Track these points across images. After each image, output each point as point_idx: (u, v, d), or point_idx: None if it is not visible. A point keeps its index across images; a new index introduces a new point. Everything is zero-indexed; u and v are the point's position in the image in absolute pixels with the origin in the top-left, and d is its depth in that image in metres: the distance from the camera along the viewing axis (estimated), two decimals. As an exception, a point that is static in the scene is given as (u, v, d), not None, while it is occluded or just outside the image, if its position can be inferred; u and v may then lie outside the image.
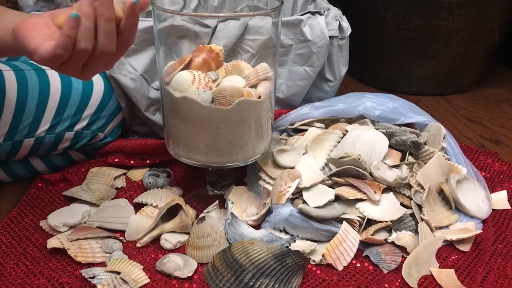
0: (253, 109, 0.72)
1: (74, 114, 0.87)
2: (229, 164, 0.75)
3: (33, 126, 0.83)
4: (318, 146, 0.85)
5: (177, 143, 0.76)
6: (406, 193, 0.79)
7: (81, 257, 0.69)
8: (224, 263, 0.66)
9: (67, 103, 0.86)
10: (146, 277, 0.66)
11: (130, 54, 0.90)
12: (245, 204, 0.80)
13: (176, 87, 0.71)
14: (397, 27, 1.36)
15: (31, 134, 0.83)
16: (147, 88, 0.93)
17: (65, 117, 0.86)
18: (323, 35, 0.95)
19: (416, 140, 0.83)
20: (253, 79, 0.75)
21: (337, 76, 1.03)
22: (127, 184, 0.89)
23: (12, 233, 0.75)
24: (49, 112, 0.84)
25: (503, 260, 0.70)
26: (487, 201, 0.82)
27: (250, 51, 0.91)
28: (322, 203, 0.74)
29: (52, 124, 0.85)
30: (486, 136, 1.17)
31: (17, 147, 0.83)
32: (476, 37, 1.36)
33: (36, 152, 0.87)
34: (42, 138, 0.84)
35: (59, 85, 0.85)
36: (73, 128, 0.87)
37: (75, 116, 0.87)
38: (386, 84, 1.49)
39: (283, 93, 1.01)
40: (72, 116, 0.87)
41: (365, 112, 0.89)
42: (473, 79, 1.50)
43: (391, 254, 0.71)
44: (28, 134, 0.83)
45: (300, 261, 0.65)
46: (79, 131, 0.88)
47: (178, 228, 0.74)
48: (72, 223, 0.75)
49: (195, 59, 0.76)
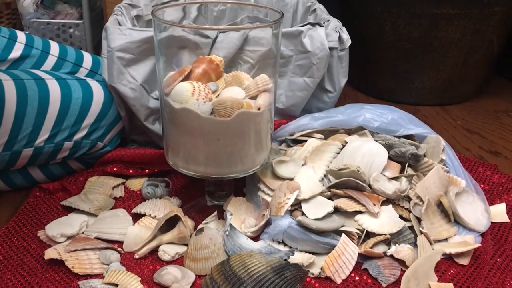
0: (253, 121, 0.72)
1: (73, 123, 0.87)
2: (228, 175, 0.75)
3: (32, 136, 0.83)
4: (317, 157, 0.85)
5: (176, 154, 0.76)
6: (405, 206, 0.79)
7: (78, 269, 0.68)
8: (223, 275, 0.65)
9: (66, 112, 0.86)
10: (143, 289, 0.66)
11: (130, 64, 0.90)
12: (244, 215, 0.80)
13: (176, 98, 0.71)
14: (397, 38, 1.37)
15: (30, 144, 0.83)
16: (146, 97, 0.93)
17: (65, 126, 0.86)
18: (323, 47, 0.95)
19: (415, 152, 0.83)
20: (253, 90, 0.75)
21: (336, 87, 1.03)
22: (125, 194, 0.89)
23: (10, 243, 0.75)
24: (49, 122, 0.84)
25: (502, 274, 0.70)
26: (486, 214, 0.82)
27: (250, 62, 0.91)
28: (321, 215, 0.74)
29: (51, 134, 0.84)
30: (485, 148, 1.17)
31: (15, 157, 0.83)
32: (475, 48, 1.36)
33: (35, 161, 0.87)
34: (41, 148, 0.84)
35: (58, 95, 0.85)
36: (72, 138, 0.87)
37: (75, 125, 0.87)
38: (385, 94, 1.49)
39: (283, 103, 1.01)
40: (72, 126, 0.87)
41: (365, 123, 0.89)
42: (472, 90, 1.50)
43: (390, 267, 0.71)
44: (27, 144, 0.83)
45: (298, 274, 0.65)
46: (78, 140, 0.88)
47: (176, 239, 0.74)
48: (70, 234, 0.75)
49: (195, 70, 0.76)
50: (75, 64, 1.02)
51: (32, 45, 0.97)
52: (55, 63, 0.99)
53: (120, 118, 0.95)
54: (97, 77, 1.05)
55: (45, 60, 0.98)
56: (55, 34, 1.44)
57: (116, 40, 0.89)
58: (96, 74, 1.04)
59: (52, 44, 1.01)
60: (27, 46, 0.96)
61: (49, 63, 0.99)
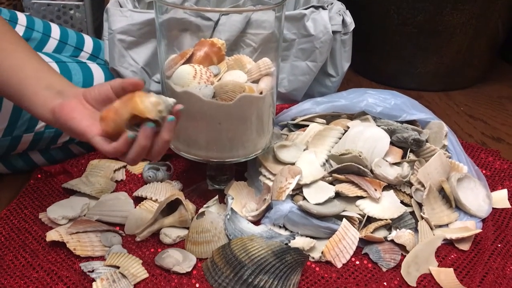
0: (255, 105, 0.72)
1: None
2: (230, 159, 0.75)
3: (32, 121, 0.82)
4: (319, 142, 0.85)
5: (177, 138, 0.75)
6: (407, 191, 0.79)
7: (80, 251, 0.69)
8: (224, 259, 0.65)
9: None
10: (145, 272, 0.66)
11: (131, 46, 0.90)
12: (245, 200, 0.80)
13: (177, 81, 0.71)
14: (401, 22, 1.35)
15: (30, 129, 0.83)
16: (148, 81, 0.92)
17: None
18: (326, 30, 0.94)
19: (417, 137, 0.82)
20: (255, 74, 0.75)
21: (339, 71, 1.02)
22: (126, 177, 0.89)
23: (11, 225, 0.75)
24: None
25: (502, 260, 0.70)
26: (488, 200, 0.82)
27: (252, 45, 0.90)
28: (322, 200, 0.74)
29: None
30: (487, 134, 1.17)
31: (16, 142, 0.83)
32: (479, 33, 1.35)
33: (36, 146, 0.86)
34: (41, 133, 0.84)
35: None
36: None
37: None
38: (388, 79, 1.48)
39: (285, 88, 1.00)
40: None
41: (367, 108, 0.89)
42: (476, 75, 1.49)
43: (390, 252, 0.71)
44: (27, 129, 0.82)
45: (299, 258, 0.65)
46: None
47: (177, 223, 0.74)
48: (71, 216, 0.75)
49: (196, 53, 0.75)
50: (76, 48, 1.01)
51: (33, 27, 0.96)
52: (56, 46, 0.98)
53: None
54: (98, 61, 1.04)
55: (46, 43, 0.97)
56: (56, 16, 1.42)
57: (117, 22, 0.88)
58: (97, 59, 1.03)
59: (53, 26, 1.00)
60: (28, 29, 0.95)
61: (50, 46, 0.98)
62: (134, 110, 0.56)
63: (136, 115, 0.56)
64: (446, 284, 0.66)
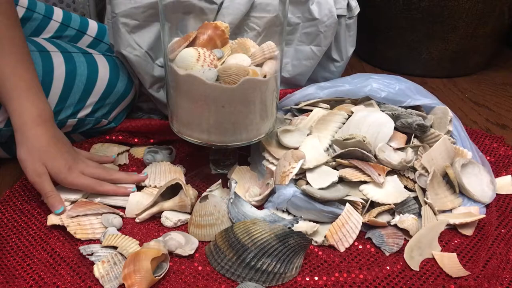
0: (259, 89, 0.71)
1: (77, 101, 0.85)
2: (233, 143, 0.74)
3: None
4: (323, 127, 0.84)
5: (181, 121, 0.75)
6: (411, 176, 0.79)
7: (80, 234, 0.69)
8: (226, 242, 0.65)
9: (70, 90, 0.84)
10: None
11: (135, 30, 0.89)
12: (248, 184, 0.80)
13: (180, 64, 0.70)
14: (406, 7, 1.34)
15: None
16: (151, 65, 0.92)
17: (68, 104, 0.84)
18: (331, 14, 0.93)
19: (422, 123, 0.82)
20: (259, 57, 0.74)
21: (344, 56, 1.01)
22: (129, 161, 0.89)
23: (14, 206, 0.75)
24: (52, 98, 0.82)
25: (506, 245, 0.70)
26: (492, 186, 0.81)
27: (256, 29, 0.89)
28: (325, 184, 0.73)
29: (54, 111, 0.81)
30: (492, 120, 1.16)
31: None
32: (485, 19, 1.33)
33: None
34: None
35: (63, 71, 0.83)
36: (76, 116, 0.86)
37: (79, 103, 0.85)
38: (392, 65, 1.47)
39: (289, 72, 1.00)
40: (76, 104, 0.85)
41: (371, 93, 0.88)
42: (481, 62, 1.48)
43: (393, 236, 0.71)
44: None
45: (302, 242, 0.65)
46: (82, 118, 0.87)
47: (177, 207, 0.74)
48: (73, 199, 0.75)
49: (200, 36, 0.74)
50: (79, 30, 1.00)
51: (34, 9, 0.95)
52: (57, 28, 0.97)
53: (125, 96, 0.92)
54: (102, 45, 1.03)
55: (47, 25, 0.97)
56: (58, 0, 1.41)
57: (120, 5, 0.87)
58: (101, 43, 1.02)
59: (56, 10, 0.99)
60: (29, 10, 0.94)
61: (51, 28, 0.97)
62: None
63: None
64: (449, 268, 0.66)
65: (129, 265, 0.60)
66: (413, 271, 0.66)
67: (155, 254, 0.61)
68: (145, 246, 0.64)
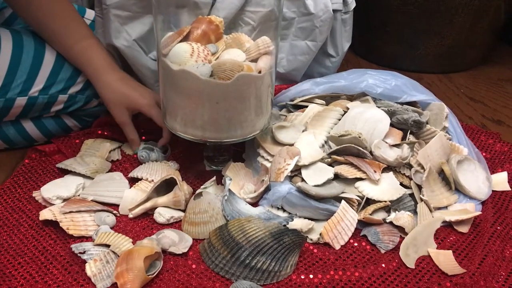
0: (253, 84, 0.70)
1: (69, 77, 0.86)
2: (227, 140, 0.74)
3: (26, 85, 0.82)
4: (318, 123, 0.83)
5: (174, 117, 0.74)
6: (406, 173, 0.78)
7: (73, 230, 0.68)
8: (221, 240, 0.65)
9: (62, 65, 0.85)
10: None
11: (127, 22, 0.87)
12: (242, 181, 0.79)
13: (174, 59, 0.69)
14: (402, 2, 1.33)
15: (24, 92, 0.82)
16: (145, 58, 0.90)
17: (60, 79, 0.85)
18: (327, 9, 0.92)
19: (418, 119, 0.81)
20: (253, 53, 0.73)
21: (339, 51, 1.00)
22: (122, 157, 0.88)
23: (5, 204, 0.74)
24: (44, 72, 0.83)
25: (501, 242, 0.70)
26: (487, 182, 0.81)
27: (251, 24, 0.88)
28: (321, 181, 0.73)
29: (46, 84, 0.84)
30: (487, 116, 1.16)
31: (9, 105, 0.82)
32: (482, 14, 1.33)
33: (29, 113, 0.86)
34: (35, 98, 0.83)
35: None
36: (67, 91, 0.87)
37: (70, 79, 0.86)
38: (388, 61, 1.46)
39: (284, 68, 0.99)
40: (67, 79, 0.86)
41: (367, 89, 0.87)
42: (477, 57, 1.47)
43: (389, 234, 0.70)
44: (21, 92, 0.82)
45: (297, 240, 0.64)
46: (73, 94, 0.87)
47: (171, 203, 0.73)
48: (66, 196, 0.74)
49: (194, 30, 0.73)
50: None
51: None
52: None
53: None
54: None
55: None
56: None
57: (112, -3, 0.86)
58: None
59: None
60: None
61: None
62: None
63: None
64: (444, 266, 0.65)
65: (122, 263, 0.59)
66: (408, 269, 0.65)
67: (148, 252, 0.61)
68: (138, 244, 0.63)
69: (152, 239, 0.65)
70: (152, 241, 0.64)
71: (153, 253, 0.61)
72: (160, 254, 0.63)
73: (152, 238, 0.65)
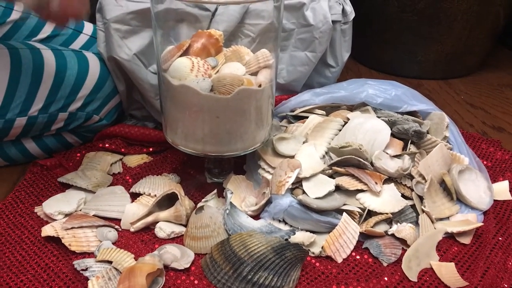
0: (254, 98, 0.70)
1: (68, 94, 0.85)
2: (228, 153, 0.74)
3: (25, 105, 0.81)
4: (318, 134, 0.83)
5: (175, 131, 0.74)
6: (408, 184, 0.78)
7: (75, 246, 0.68)
8: (223, 255, 0.65)
9: (61, 82, 0.84)
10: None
11: (127, 36, 0.87)
12: (244, 193, 0.79)
13: (174, 74, 0.69)
14: (401, 9, 1.33)
15: (24, 113, 0.82)
16: (145, 71, 0.90)
17: (59, 97, 0.84)
18: (326, 20, 0.92)
19: (418, 129, 0.81)
20: (253, 66, 0.73)
21: (339, 61, 1.00)
22: (123, 170, 0.88)
23: (7, 220, 0.74)
24: (43, 91, 0.83)
25: (503, 254, 0.70)
26: (489, 192, 0.81)
27: (251, 36, 0.88)
28: (322, 194, 0.73)
29: (45, 103, 0.83)
30: (488, 123, 1.16)
31: (9, 125, 0.82)
32: (481, 20, 1.33)
33: (29, 132, 0.85)
34: (35, 118, 0.83)
35: (53, 65, 0.84)
36: (67, 109, 0.86)
37: (70, 96, 0.86)
38: (388, 67, 1.47)
39: (284, 78, 0.99)
40: (67, 97, 0.85)
41: (367, 99, 0.87)
42: (476, 63, 1.47)
43: (391, 246, 0.70)
44: (21, 112, 0.81)
45: (299, 254, 0.64)
46: (73, 112, 0.87)
47: (172, 218, 0.73)
48: (67, 211, 0.74)
49: (194, 44, 0.73)
50: (75, 30, 1.01)
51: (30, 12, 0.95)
52: (53, 29, 0.97)
53: (117, 92, 0.93)
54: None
55: (43, 26, 0.96)
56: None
57: (111, 11, 0.86)
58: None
59: None
60: (26, 12, 0.95)
61: (47, 29, 0.97)
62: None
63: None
64: (447, 278, 0.65)
65: (124, 281, 0.59)
66: (411, 282, 0.65)
67: (150, 269, 0.61)
68: (140, 261, 0.63)
69: (154, 255, 0.65)
70: (154, 258, 0.64)
71: (155, 269, 0.61)
72: (162, 270, 0.63)
73: (154, 254, 0.65)
